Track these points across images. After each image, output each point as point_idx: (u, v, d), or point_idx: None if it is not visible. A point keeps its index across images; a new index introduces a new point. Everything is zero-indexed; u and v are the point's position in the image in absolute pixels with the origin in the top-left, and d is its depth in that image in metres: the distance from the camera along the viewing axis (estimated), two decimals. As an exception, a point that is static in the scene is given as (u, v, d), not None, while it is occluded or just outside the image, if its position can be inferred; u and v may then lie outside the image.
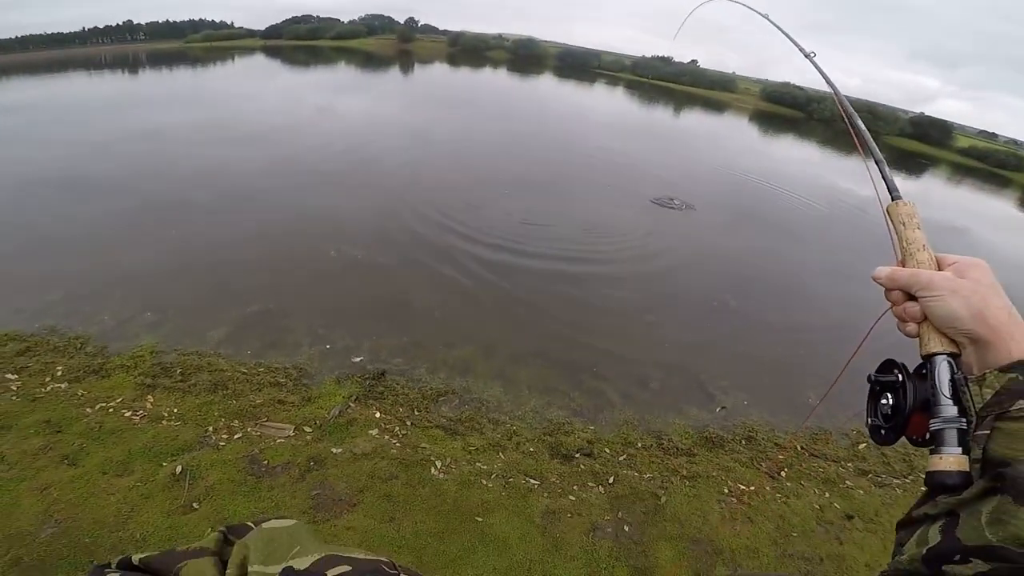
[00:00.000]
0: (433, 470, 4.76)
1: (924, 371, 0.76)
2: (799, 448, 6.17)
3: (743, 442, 6.09)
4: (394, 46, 75.96)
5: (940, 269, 0.80)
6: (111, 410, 5.00)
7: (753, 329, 8.93)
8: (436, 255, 9.51)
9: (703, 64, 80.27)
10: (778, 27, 1.86)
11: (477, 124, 23.61)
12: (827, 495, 5.45)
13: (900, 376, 0.78)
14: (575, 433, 5.74)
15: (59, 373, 5.55)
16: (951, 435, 0.70)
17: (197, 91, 31.22)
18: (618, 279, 9.80)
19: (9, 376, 5.42)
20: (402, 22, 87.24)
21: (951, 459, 0.69)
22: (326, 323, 7.01)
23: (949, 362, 0.73)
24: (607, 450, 5.59)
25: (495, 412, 5.90)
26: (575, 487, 4.95)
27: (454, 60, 66.22)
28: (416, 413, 5.64)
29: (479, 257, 9.58)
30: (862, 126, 1.22)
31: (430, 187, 13.04)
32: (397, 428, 5.31)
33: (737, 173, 20.97)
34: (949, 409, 0.71)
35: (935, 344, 0.75)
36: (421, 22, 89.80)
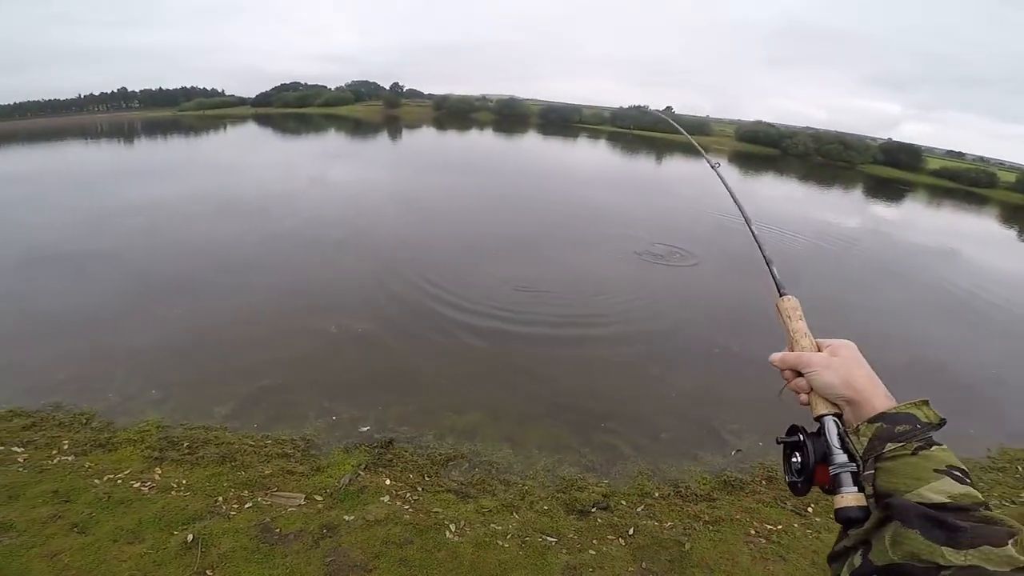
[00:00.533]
0: (448, 533, 4.68)
1: (819, 430, 0.92)
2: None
3: (763, 483, 6.02)
4: (381, 112, 78.61)
5: (819, 350, 1.00)
6: (119, 481, 4.99)
7: (758, 371, 8.89)
8: (435, 325, 9.55)
9: (677, 110, 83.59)
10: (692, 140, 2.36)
11: (466, 187, 24.20)
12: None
13: (801, 436, 0.94)
14: (589, 488, 5.66)
15: (65, 447, 5.57)
16: (847, 477, 0.84)
17: (191, 161, 32.03)
18: (618, 336, 9.83)
19: (16, 449, 5.43)
20: (387, 87, 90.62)
21: (850, 497, 0.83)
22: (330, 395, 7.00)
23: (835, 420, 0.91)
24: (624, 502, 5.51)
25: (506, 473, 5.84)
26: (594, 541, 4.85)
27: (440, 124, 68.20)
28: (426, 478, 5.58)
29: (477, 325, 9.60)
30: (756, 231, 1.54)
31: (424, 256, 13.19)
32: (408, 494, 5.25)
33: (722, 216, 21.52)
34: (841, 456, 0.86)
35: (822, 407, 0.93)
36: (406, 87, 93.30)
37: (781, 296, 1.16)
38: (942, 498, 0.73)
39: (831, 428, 0.90)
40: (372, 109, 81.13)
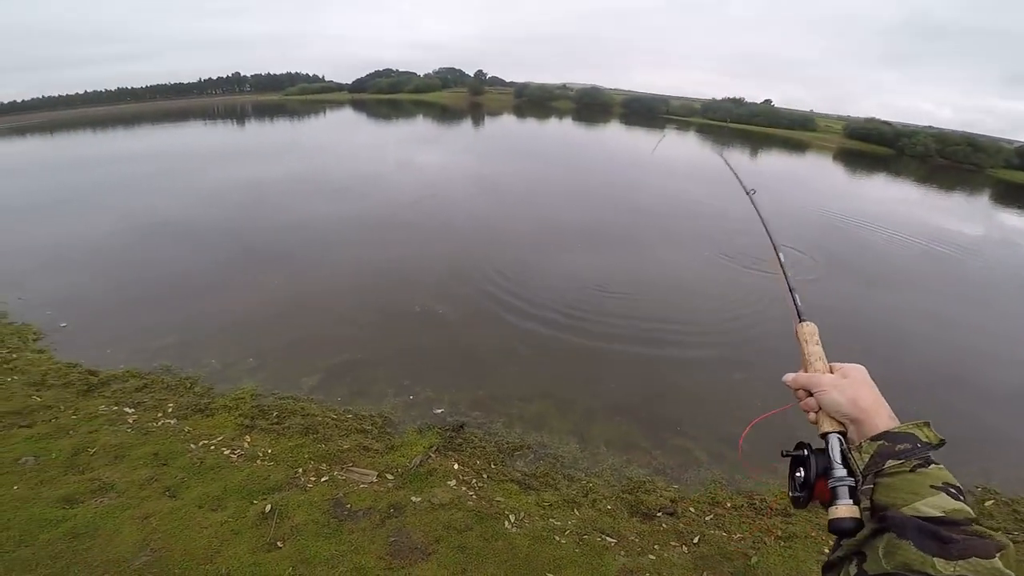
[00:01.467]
0: (507, 524, 4.73)
1: (823, 446, 0.98)
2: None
3: (844, 504, 5.61)
4: (466, 99, 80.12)
5: (831, 372, 1.07)
6: (212, 447, 5.37)
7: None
8: (513, 312, 9.66)
9: (778, 103, 78.06)
10: (727, 163, 2.32)
11: (547, 176, 24.10)
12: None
13: (806, 451, 1.00)
14: (657, 491, 5.52)
15: (170, 410, 6.08)
16: (843, 490, 0.89)
17: (294, 143, 34.39)
18: (700, 336, 9.44)
19: (127, 410, 6.01)
20: (472, 75, 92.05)
21: (844, 508, 0.87)
22: (410, 374, 7.27)
23: (839, 438, 0.97)
24: (692, 509, 5.33)
25: (570, 468, 5.82)
26: (655, 546, 4.73)
27: (520, 111, 68.39)
28: (492, 466, 5.66)
29: (551, 318, 9.56)
30: (783, 257, 1.54)
31: (507, 243, 13.38)
32: (474, 480, 5.35)
33: (828, 216, 19.97)
34: (840, 471, 0.92)
35: (827, 425, 1.00)
36: (489, 74, 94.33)
37: (801, 322, 1.24)
38: (936, 512, 0.77)
39: (834, 444, 0.96)
40: (457, 96, 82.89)
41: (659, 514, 5.19)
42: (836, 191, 29.63)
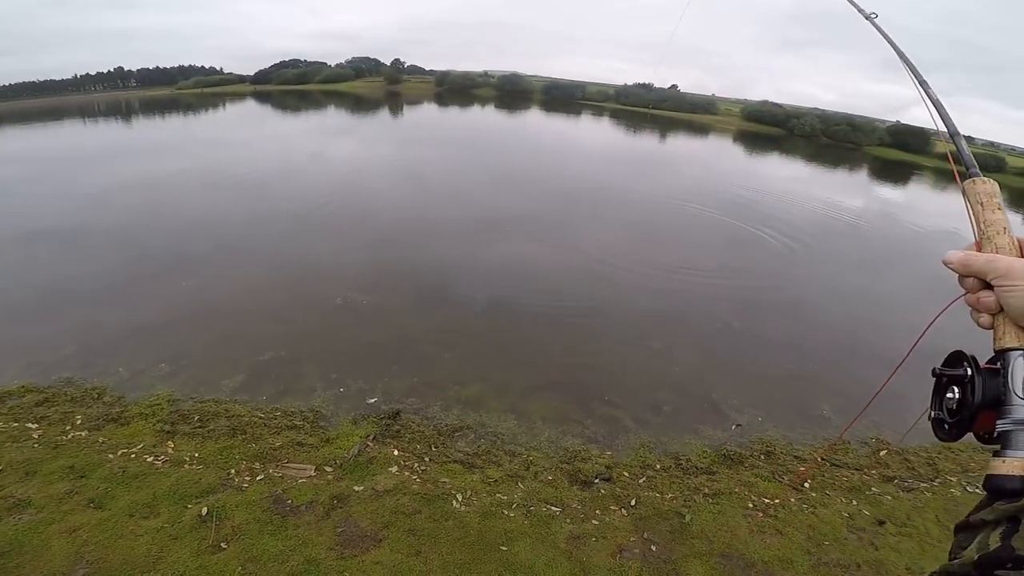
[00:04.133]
0: (455, 503, 4.80)
1: (996, 366, 0.70)
2: (820, 459, 6.20)
3: (762, 457, 6.12)
4: (382, 88, 77.63)
5: (1022, 255, 0.74)
6: (133, 456, 5.09)
7: (759, 347, 9.01)
8: (442, 299, 9.63)
9: (684, 88, 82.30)
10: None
11: (469, 162, 24.02)
12: (854, 503, 5.47)
13: (968, 370, 0.73)
14: (592, 459, 5.76)
15: (79, 422, 5.66)
16: (1019, 438, 0.64)
17: (190, 138, 31.79)
18: (619, 310, 9.88)
19: (30, 425, 5.52)
20: (388, 64, 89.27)
21: (1015, 463, 0.63)
22: (338, 367, 7.09)
23: None
24: (626, 474, 5.61)
25: (511, 444, 5.94)
26: (597, 511, 4.97)
27: (442, 100, 67.48)
28: (433, 449, 5.68)
29: (478, 298, 9.66)
30: (935, 95, 1.04)
31: (433, 232, 13.23)
32: (416, 464, 5.36)
33: (721, 194, 21.36)
34: (1020, 410, 0.65)
35: (1011, 339, 0.70)
36: (407, 63, 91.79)
37: (970, 177, 0.85)
38: None
39: (1017, 369, 0.67)
40: (373, 85, 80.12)
41: (596, 481, 5.43)
42: (740, 170, 31.77)
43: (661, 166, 30.32)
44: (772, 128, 63.24)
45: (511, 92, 76.94)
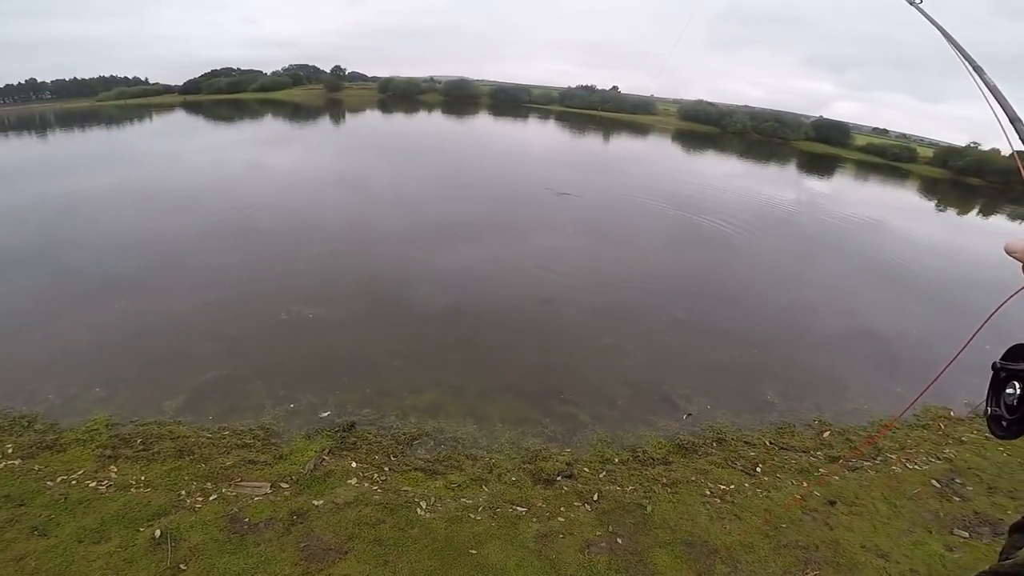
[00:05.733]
0: (419, 511, 4.76)
1: None
2: (768, 443, 6.49)
3: (714, 444, 6.36)
4: (322, 96, 75.56)
5: None
6: (74, 482, 4.87)
7: (704, 337, 9.36)
8: (392, 307, 9.47)
9: (624, 89, 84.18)
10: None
11: (416, 169, 23.62)
12: (805, 484, 5.75)
13: None
14: (553, 458, 5.83)
15: (10, 451, 5.35)
16: None
17: (115, 152, 29.78)
18: (571, 309, 10.00)
19: None
20: (328, 71, 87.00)
21: None
22: (286, 383, 6.86)
23: None
24: (587, 469, 5.70)
25: (472, 448, 5.93)
26: (562, 508, 5.03)
27: (386, 106, 66.30)
28: (392, 459, 5.60)
29: (435, 307, 9.57)
30: (991, 80, 0.98)
31: (380, 240, 13.00)
32: (376, 475, 5.27)
33: (663, 192, 22.06)
34: None
35: None
36: (348, 70, 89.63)
37: None
38: None
39: None
40: (312, 93, 77.84)
41: (559, 478, 5.49)
42: (680, 168, 32.89)
43: (605, 167, 30.99)
44: (707, 127, 65.81)
45: (458, 97, 76.49)
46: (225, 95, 74.95)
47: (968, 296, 13.68)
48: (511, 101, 78.00)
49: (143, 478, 4.97)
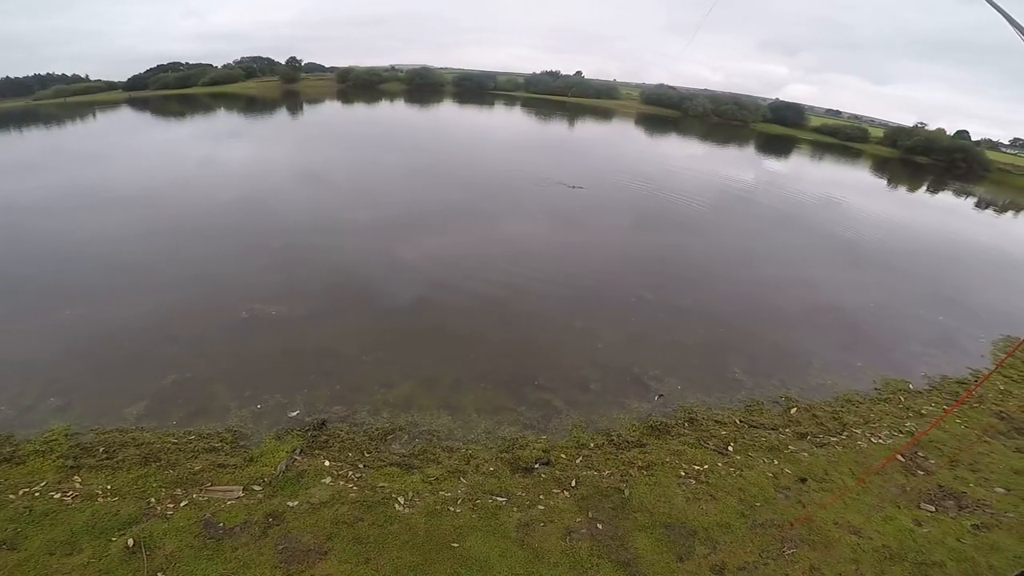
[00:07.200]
0: (397, 506, 4.71)
1: None
2: (738, 421, 6.63)
3: (686, 424, 6.46)
4: (278, 88, 73.08)
5: None
6: (37, 494, 4.69)
7: (672, 317, 9.50)
8: (359, 301, 9.25)
9: (587, 74, 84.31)
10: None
11: (379, 159, 23.06)
12: (776, 462, 5.89)
13: None
14: (530, 446, 5.82)
15: None
16: None
17: (56, 152, 28.16)
18: (541, 295, 9.98)
19: None
20: (283, 63, 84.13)
21: None
22: (252, 384, 6.64)
23: None
24: (564, 456, 5.72)
25: (447, 440, 5.86)
26: (542, 496, 5.04)
27: (346, 96, 64.61)
28: (367, 455, 5.50)
29: (402, 298, 9.40)
30: None
31: (344, 232, 12.66)
32: (350, 472, 5.17)
33: (629, 176, 22.23)
34: None
35: None
36: (305, 61, 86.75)
37: None
38: None
39: None
40: (267, 85, 75.13)
41: (537, 466, 5.50)
42: (644, 152, 33.18)
43: (572, 151, 31.00)
44: (669, 110, 66.69)
45: (421, 85, 75.05)
46: (174, 90, 71.68)
47: (919, 269, 14.33)
48: (476, 88, 77.30)
49: (109, 487, 4.82)
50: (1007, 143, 59.09)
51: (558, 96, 70.53)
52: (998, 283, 13.26)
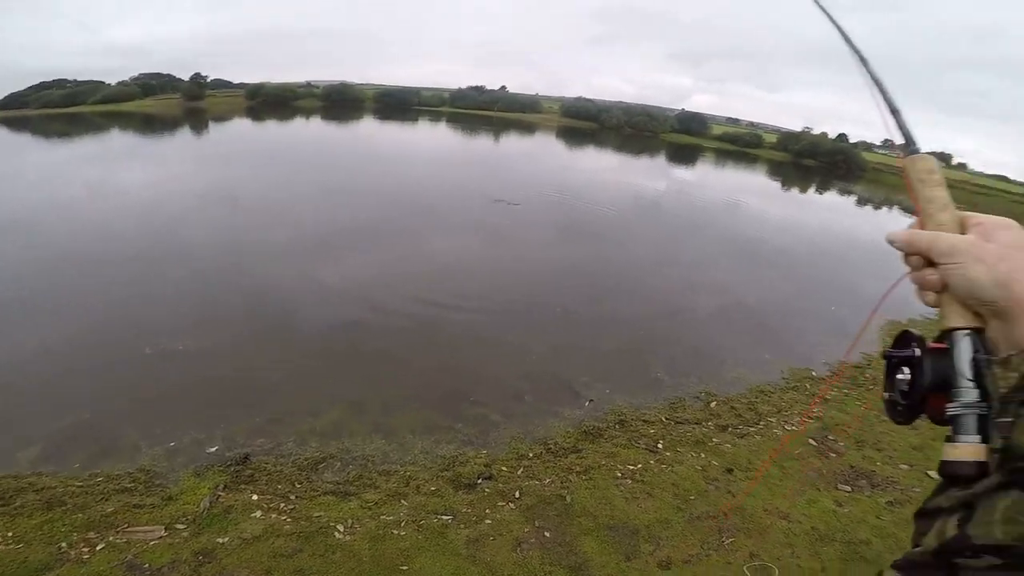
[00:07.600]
0: (337, 534, 4.53)
1: (944, 346, 0.67)
2: (664, 419, 6.92)
3: (617, 427, 6.67)
4: (180, 105, 68.36)
5: (964, 231, 0.70)
6: None
7: (594, 325, 9.86)
8: (273, 328, 8.81)
9: (512, 89, 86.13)
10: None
11: (293, 178, 22.00)
12: (703, 455, 6.19)
13: (916, 350, 0.69)
14: (470, 462, 5.78)
15: None
16: (969, 421, 0.62)
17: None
18: (468, 311, 9.97)
19: None
20: (187, 79, 78.83)
21: (967, 448, 0.61)
22: (161, 421, 6.12)
23: (971, 338, 0.65)
24: (505, 468, 5.73)
25: (383, 464, 5.70)
26: (487, 510, 5.02)
27: (256, 114, 61.49)
28: (298, 486, 5.24)
29: (321, 322, 9.06)
30: (875, 72, 0.92)
31: (257, 256, 12.00)
32: (282, 504, 4.92)
33: (552, 188, 22.87)
34: (969, 392, 0.63)
35: (956, 318, 0.67)
36: (210, 77, 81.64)
37: (910, 154, 0.78)
38: None
39: (963, 349, 0.65)
40: (167, 103, 69.97)
41: (479, 481, 5.47)
42: (563, 165, 34.21)
43: (494, 166, 31.39)
44: (587, 123, 69.32)
45: (339, 102, 72.85)
46: (59, 109, 65.11)
47: (814, 264, 15.78)
48: (399, 104, 76.20)
49: (11, 534, 4.37)
50: (879, 144, 65.30)
51: (484, 111, 71.24)
52: (878, 273, 14.81)
